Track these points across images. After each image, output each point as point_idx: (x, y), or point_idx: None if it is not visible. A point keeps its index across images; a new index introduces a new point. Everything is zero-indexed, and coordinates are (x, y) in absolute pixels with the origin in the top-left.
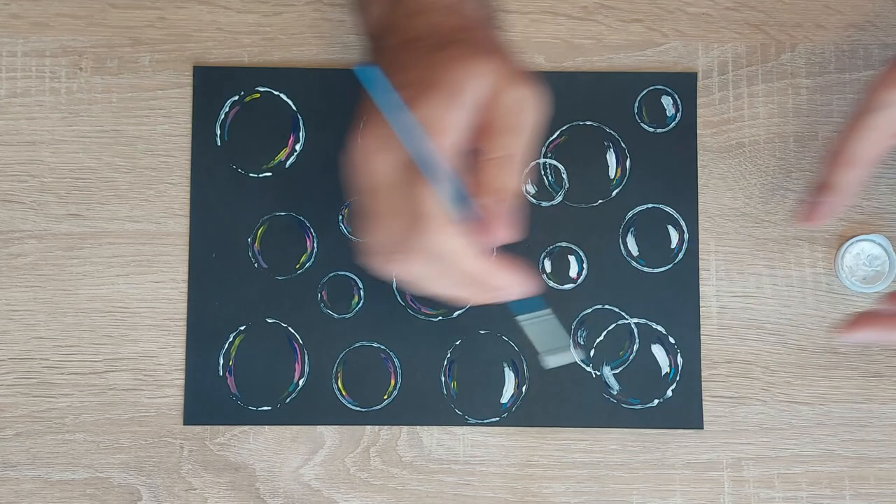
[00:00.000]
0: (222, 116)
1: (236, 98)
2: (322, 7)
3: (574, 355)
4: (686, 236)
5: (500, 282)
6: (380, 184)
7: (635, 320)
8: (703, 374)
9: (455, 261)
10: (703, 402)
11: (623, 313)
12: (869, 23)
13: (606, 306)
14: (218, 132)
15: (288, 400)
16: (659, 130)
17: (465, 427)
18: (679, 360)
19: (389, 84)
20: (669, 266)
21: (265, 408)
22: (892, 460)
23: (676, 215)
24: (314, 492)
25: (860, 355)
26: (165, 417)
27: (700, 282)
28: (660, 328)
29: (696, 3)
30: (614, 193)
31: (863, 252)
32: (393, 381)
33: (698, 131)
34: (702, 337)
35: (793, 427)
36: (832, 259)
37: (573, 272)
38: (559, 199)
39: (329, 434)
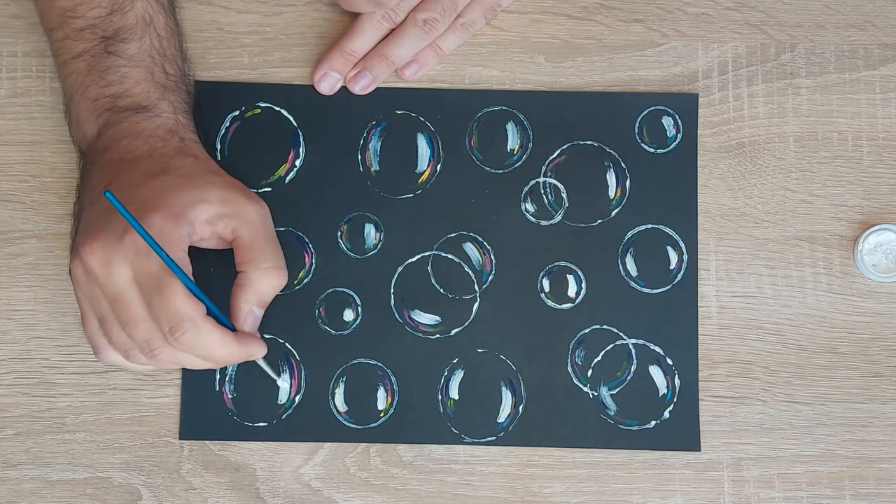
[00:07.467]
0: (223, 131)
1: (237, 113)
2: (322, 7)
3: None
4: (685, 257)
5: (250, 352)
6: (125, 291)
7: (633, 341)
8: (702, 374)
9: (213, 350)
10: (703, 402)
11: (621, 334)
12: (869, 23)
13: (605, 326)
14: (218, 147)
15: (284, 416)
16: (659, 151)
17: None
18: (677, 381)
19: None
20: (668, 287)
21: (261, 424)
22: (892, 460)
23: (676, 236)
24: (314, 492)
25: (860, 355)
26: (165, 417)
27: (700, 284)
28: (658, 349)
29: (696, 3)
30: (614, 213)
31: (883, 241)
32: (389, 399)
33: (698, 131)
34: (701, 336)
35: (793, 427)
36: (832, 259)
37: (572, 292)
38: (558, 218)
39: None
